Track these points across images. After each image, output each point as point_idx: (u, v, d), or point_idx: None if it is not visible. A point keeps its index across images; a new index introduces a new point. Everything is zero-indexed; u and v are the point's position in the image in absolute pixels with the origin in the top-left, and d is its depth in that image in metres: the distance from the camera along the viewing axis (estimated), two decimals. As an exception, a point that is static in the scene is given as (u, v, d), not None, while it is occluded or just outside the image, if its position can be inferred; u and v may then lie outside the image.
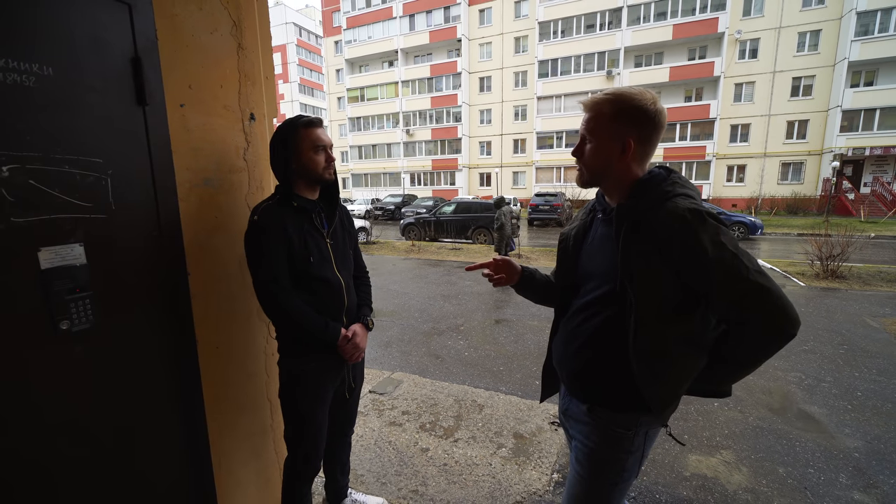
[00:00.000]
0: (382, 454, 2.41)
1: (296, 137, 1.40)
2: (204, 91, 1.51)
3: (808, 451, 2.51)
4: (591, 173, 1.11)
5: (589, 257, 1.17)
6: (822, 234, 8.44)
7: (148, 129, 1.30)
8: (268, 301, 1.38)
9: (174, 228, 1.39)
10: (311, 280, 1.44)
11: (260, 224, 1.36)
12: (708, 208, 0.97)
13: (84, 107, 1.14)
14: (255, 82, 1.71)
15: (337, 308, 1.52)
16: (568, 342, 1.19)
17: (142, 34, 1.26)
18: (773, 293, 0.90)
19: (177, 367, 1.41)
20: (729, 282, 0.92)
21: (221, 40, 1.56)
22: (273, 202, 1.42)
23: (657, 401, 1.04)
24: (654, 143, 1.08)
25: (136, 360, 1.29)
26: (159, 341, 1.36)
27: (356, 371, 1.70)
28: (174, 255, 1.39)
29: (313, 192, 1.51)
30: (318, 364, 1.50)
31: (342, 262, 1.56)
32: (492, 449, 2.46)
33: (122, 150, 1.23)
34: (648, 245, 0.97)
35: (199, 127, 1.49)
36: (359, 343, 1.54)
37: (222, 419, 1.62)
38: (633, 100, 1.02)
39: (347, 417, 1.75)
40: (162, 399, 1.38)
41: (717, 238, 0.93)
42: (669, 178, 1.05)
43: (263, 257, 1.36)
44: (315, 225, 1.48)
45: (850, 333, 4.64)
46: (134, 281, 1.27)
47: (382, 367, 3.76)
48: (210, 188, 1.54)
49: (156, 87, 1.31)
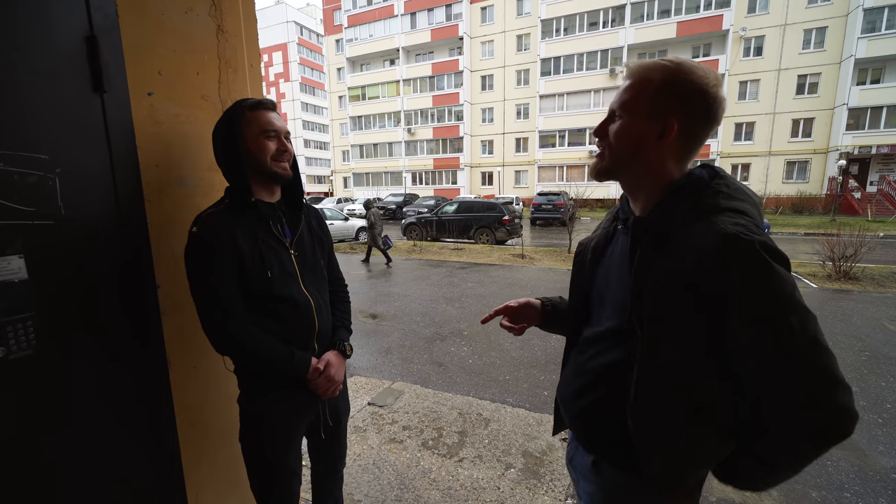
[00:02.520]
0: (381, 476, 2.24)
1: (242, 122, 1.14)
2: (177, 78, 1.33)
3: (841, 472, 2.32)
4: (613, 158, 0.83)
5: (605, 277, 0.93)
6: (831, 234, 8.23)
7: (107, 121, 1.12)
8: (214, 331, 1.11)
9: (140, 235, 1.21)
10: (272, 300, 1.16)
11: (201, 236, 1.09)
12: (770, 238, 0.70)
13: (25, 93, 0.96)
14: (237, 70, 1.53)
15: (306, 333, 1.24)
16: (573, 378, 0.97)
17: (98, 9, 1.08)
18: (842, 390, 0.67)
19: (144, 393, 1.24)
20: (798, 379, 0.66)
21: (198, 22, 1.38)
22: (220, 207, 1.15)
23: (657, 472, 0.81)
24: (701, 141, 0.81)
25: (91, 389, 1.11)
26: (122, 366, 1.18)
27: (335, 405, 1.38)
28: (140, 266, 1.21)
29: (271, 194, 1.23)
30: (286, 404, 1.24)
31: (311, 276, 1.28)
32: (499, 470, 2.28)
33: (75, 144, 1.06)
34: (676, 276, 0.72)
35: (172, 119, 1.31)
36: (333, 375, 1.26)
37: (199, 447, 1.45)
38: (693, 73, 0.76)
39: (336, 455, 1.47)
40: (125, 431, 1.20)
41: (785, 286, 0.67)
42: (713, 186, 0.78)
43: (209, 279, 1.09)
44: (274, 233, 1.20)
45: (869, 339, 4.44)
46: (89, 298, 1.09)
47: (382, 377, 3.58)
48: (185, 188, 1.37)
49: (117, 71, 1.14)
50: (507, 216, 12.75)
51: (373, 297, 6.46)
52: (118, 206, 1.15)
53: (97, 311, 1.11)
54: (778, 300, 0.67)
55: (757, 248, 0.67)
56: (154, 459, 1.28)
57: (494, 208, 13.29)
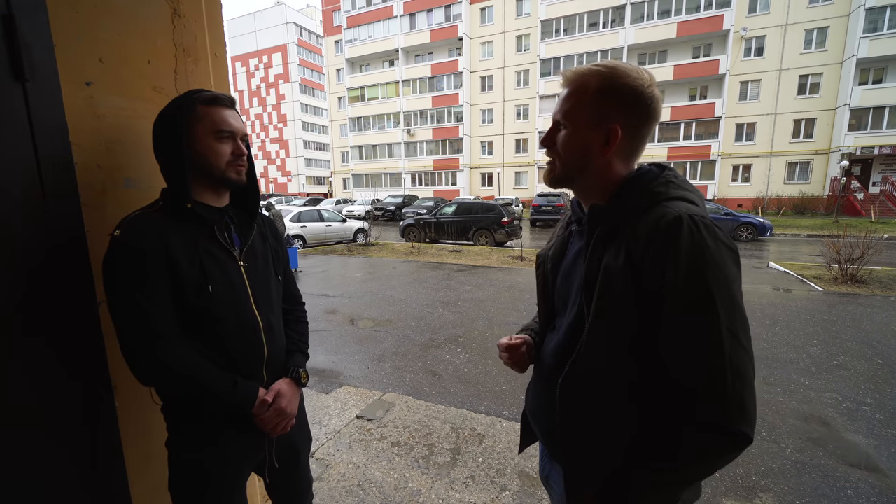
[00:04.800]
0: (366, 499, 2.08)
1: (191, 117, 0.97)
2: (123, 67, 1.18)
3: (861, 495, 2.16)
4: (563, 167, 0.85)
5: (565, 280, 0.91)
6: (835, 236, 8.06)
7: (31, 114, 0.97)
8: (138, 356, 0.90)
9: (74, 244, 1.06)
10: (212, 320, 0.98)
11: (124, 240, 0.90)
12: (716, 222, 0.71)
13: (-82, 78, 0.81)
14: (198, 59, 1.37)
15: (253, 359, 1.05)
16: (542, 391, 0.94)
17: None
18: (747, 382, 0.67)
19: (83, 425, 1.08)
20: (700, 349, 0.67)
21: (148, 3, 1.23)
22: (152, 209, 0.98)
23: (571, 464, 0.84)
24: (645, 138, 0.82)
25: (15, 423, 0.95)
26: (56, 397, 1.02)
27: (291, 441, 1.20)
28: (75, 280, 1.06)
29: (218, 198, 1.06)
30: (227, 447, 1.03)
31: (263, 292, 1.10)
32: (494, 492, 2.12)
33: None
34: (621, 258, 0.73)
35: (116, 112, 1.16)
36: (284, 407, 1.06)
37: (153, 479, 1.29)
38: (626, 76, 0.76)
39: (300, 490, 1.28)
40: (58, 471, 1.04)
41: (721, 271, 0.67)
42: (663, 176, 0.79)
43: (131, 292, 0.89)
44: (219, 241, 1.02)
45: (881, 346, 4.28)
46: (10, 318, 0.94)
47: (373, 387, 3.42)
48: (133, 190, 1.21)
49: (43, 57, 0.98)
50: (507, 218, 12.60)
51: (367, 300, 6.30)
52: (45, 212, 0.99)
53: (24, 333, 0.95)
54: (716, 289, 0.66)
55: (701, 216, 0.70)
56: (101, 493, 1.12)
57: (493, 210, 13.14)
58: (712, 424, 0.65)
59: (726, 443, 0.66)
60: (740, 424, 0.65)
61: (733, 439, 0.65)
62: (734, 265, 0.69)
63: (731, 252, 0.70)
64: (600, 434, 0.80)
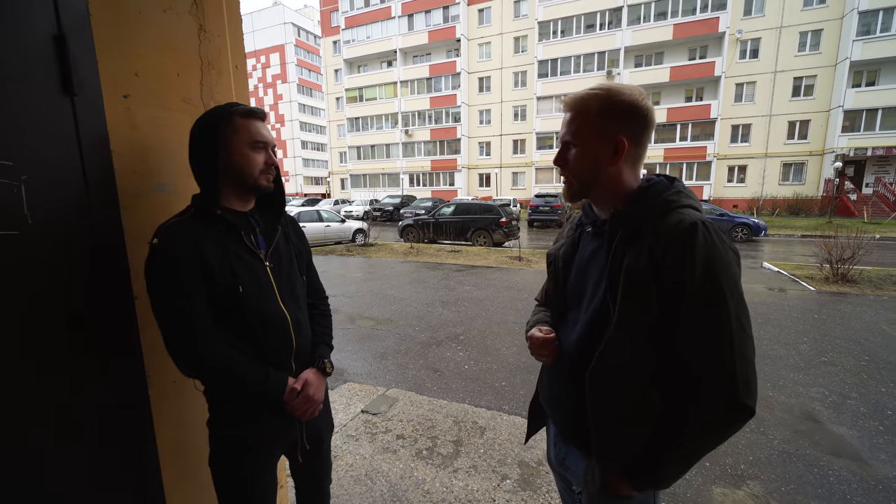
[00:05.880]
0: (374, 487, 2.17)
1: (228, 129, 1.06)
2: (156, 80, 1.27)
3: (843, 482, 2.27)
4: (581, 183, 0.96)
5: (578, 277, 1.01)
6: (828, 236, 8.21)
7: (78, 125, 1.06)
8: (181, 352, 1.02)
9: (115, 245, 1.15)
10: (244, 317, 1.08)
11: (163, 248, 1.00)
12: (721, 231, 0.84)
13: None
14: (221, 71, 1.47)
15: (282, 351, 1.16)
16: (564, 381, 1.02)
17: (67, 6, 1.02)
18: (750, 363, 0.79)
19: (120, 411, 1.18)
20: (715, 337, 0.78)
21: (177, 20, 1.33)
22: (185, 217, 1.07)
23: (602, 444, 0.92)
24: (646, 145, 0.94)
25: (61, 406, 1.05)
26: (98, 382, 1.12)
27: (316, 426, 1.31)
28: (115, 277, 1.15)
29: (244, 203, 1.16)
30: (260, 428, 1.15)
31: (289, 290, 1.20)
32: (495, 481, 2.22)
33: (42, 150, 1.00)
34: (643, 256, 0.83)
35: (150, 122, 1.26)
36: (312, 395, 1.18)
37: (182, 464, 1.39)
38: (622, 94, 0.89)
39: (320, 473, 1.41)
40: (100, 453, 1.14)
41: (729, 270, 0.80)
42: (674, 187, 0.91)
43: (171, 294, 1.00)
44: (246, 244, 1.12)
45: (869, 343, 4.41)
46: (59, 310, 1.03)
47: (377, 383, 3.51)
48: (164, 194, 1.31)
49: (88, 72, 1.08)
50: (505, 218, 12.71)
51: (368, 300, 6.39)
52: (91, 215, 1.09)
53: (69, 324, 1.05)
54: (727, 286, 0.78)
55: (710, 224, 0.82)
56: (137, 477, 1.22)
57: (492, 210, 13.24)
58: (724, 400, 0.78)
59: (736, 415, 0.78)
60: (746, 399, 0.77)
61: (741, 411, 0.78)
62: (737, 265, 0.82)
63: (735, 254, 0.82)
64: (627, 417, 0.90)
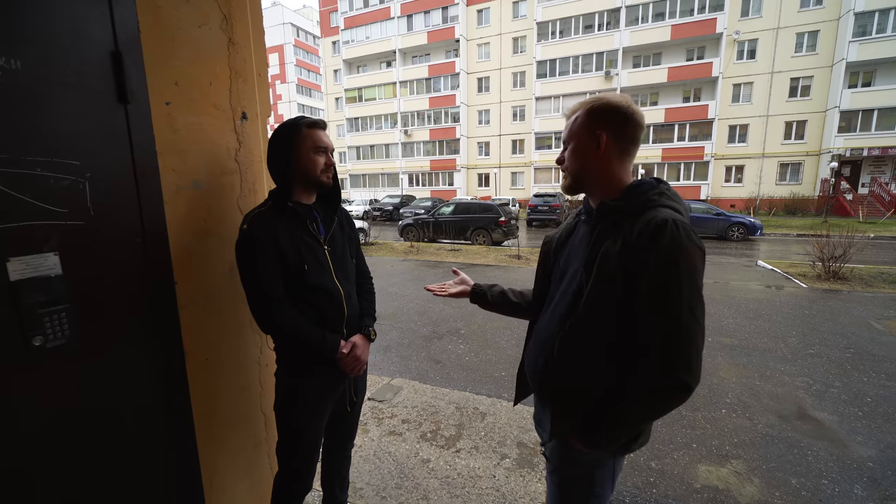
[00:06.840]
0: (382, 465, 2.33)
1: (298, 137, 1.34)
2: (192, 89, 1.42)
3: (820, 461, 2.43)
4: (573, 176, 1.11)
5: (567, 258, 1.16)
6: (822, 235, 8.38)
7: (130, 129, 1.21)
8: (260, 315, 1.32)
9: (159, 234, 1.30)
10: (308, 290, 1.36)
11: (250, 233, 1.29)
12: (694, 228, 0.94)
13: (58, 104, 1.05)
14: (247, 80, 1.62)
15: (337, 319, 1.44)
16: (539, 350, 1.17)
17: (122, 26, 1.17)
18: (695, 347, 0.89)
19: (164, 382, 1.33)
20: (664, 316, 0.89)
21: (210, 35, 1.48)
22: (265, 208, 1.35)
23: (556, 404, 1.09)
24: (633, 141, 1.06)
25: (117, 376, 1.20)
26: (144, 356, 1.27)
27: (358, 384, 1.62)
28: (159, 263, 1.30)
29: (309, 197, 1.44)
30: (317, 379, 1.44)
31: (342, 269, 1.48)
32: (495, 460, 2.38)
33: (102, 151, 1.15)
34: (618, 244, 0.95)
35: (187, 126, 1.41)
36: (359, 355, 1.47)
37: (213, 434, 1.54)
38: (604, 100, 1.05)
39: (348, 430, 1.66)
40: (147, 416, 1.29)
41: (689, 262, 0.89)
42: (658, 188, 1.03)
43: (255, 269, 1.29)
44: (310, 231, 1.39)
45: (855, 336, 4.57)
46: (115, 292, 1.19)
47: (382, 374, 3.67)
48: (199, 191, 1.46)
49: (138, 83, 1.23)
50: (504, 217, 12.86)
51: (371, 297, 6.53)
52: (140, 208, 1.24)
53: (124, 304, 1.20)
54: (683, 274, 0.89)
55: (682, 221, 0.92)
56: (176, 439, 1.37)
57: (491, 210, 13.39)
58: (665, 372, 0.89)
59: (677, 389, 0.89)
60: (686, 375, 0.88)
61: (679, 385, 0.88)
62: (700, 261, 0.92)
63: (700, 251, 0.92)
64: (582, 381, 1.04)
